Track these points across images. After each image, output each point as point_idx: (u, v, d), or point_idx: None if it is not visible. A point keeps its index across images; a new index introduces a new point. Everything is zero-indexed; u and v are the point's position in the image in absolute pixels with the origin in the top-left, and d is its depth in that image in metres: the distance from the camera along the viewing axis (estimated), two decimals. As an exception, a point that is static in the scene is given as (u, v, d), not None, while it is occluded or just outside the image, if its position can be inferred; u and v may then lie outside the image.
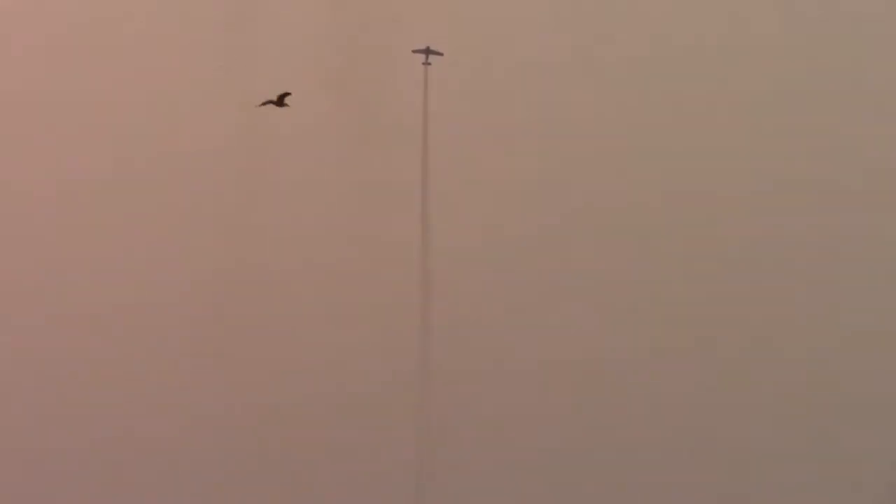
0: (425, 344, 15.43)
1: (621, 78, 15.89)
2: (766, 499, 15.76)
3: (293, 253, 15.63)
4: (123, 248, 15.62)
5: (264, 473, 15.42)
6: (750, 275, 16.00)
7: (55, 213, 15.61)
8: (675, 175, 16.01)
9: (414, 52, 15.03)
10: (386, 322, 15.62)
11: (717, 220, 16.09)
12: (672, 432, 15.86)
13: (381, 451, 15.60)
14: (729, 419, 15.96)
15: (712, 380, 15.92)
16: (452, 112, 15.60)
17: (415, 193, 15.44)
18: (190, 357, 15.51)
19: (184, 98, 15.62)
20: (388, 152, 15.69)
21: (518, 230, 15.71)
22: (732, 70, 16.00)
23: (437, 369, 15.53)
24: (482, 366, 15.72)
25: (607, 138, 15.90)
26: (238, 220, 15.68)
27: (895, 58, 15.92)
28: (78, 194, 15.68)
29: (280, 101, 14.31)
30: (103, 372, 15.55)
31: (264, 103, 14.29)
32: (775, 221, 16.01)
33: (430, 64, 14.94)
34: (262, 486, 15.47)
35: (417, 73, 15.27)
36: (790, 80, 16.00)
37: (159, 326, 15.54)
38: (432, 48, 15.11)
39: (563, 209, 15.71)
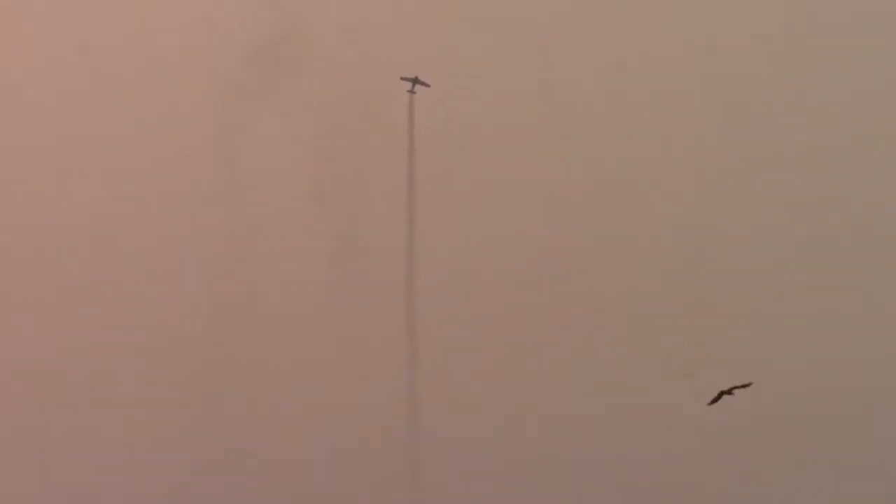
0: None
1: (612, 121, 15.95)
2: (765, 498, 15.78)
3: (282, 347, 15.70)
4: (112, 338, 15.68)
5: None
6: (751, 277, 16.02)
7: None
8: (671, 203, 16.02)
9: (402, 79, 15.22)
10: (373, 417, 15.75)
11: (717, 234, 16.07)
12: (671, 433, 15.86)
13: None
14: (729, 419, 15.95)
15: (712, 380, 15.90)
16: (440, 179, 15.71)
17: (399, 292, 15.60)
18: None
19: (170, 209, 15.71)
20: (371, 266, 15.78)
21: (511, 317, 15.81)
22: (726, 84, 16.02)
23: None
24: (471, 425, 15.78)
25: (602, 186, 15.93)
26: (225, 321, 15.70)
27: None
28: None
29: (728, 392, 14.31)
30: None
31: (720, 394, 14.32)
32: (777, 223, 16.03)
33: (415, 93, 15.11)
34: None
35: (400, 178, 15.47)
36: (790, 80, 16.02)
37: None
38: (420, 80, 15.31)
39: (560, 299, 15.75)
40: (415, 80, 15.19)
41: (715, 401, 13.82)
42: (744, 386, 14.02)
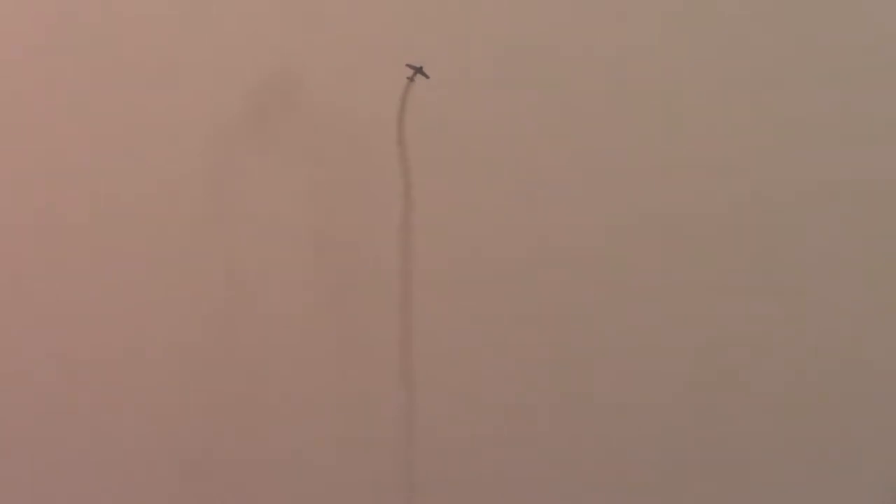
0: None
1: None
2: (764, 498, 15.74)
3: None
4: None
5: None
6: (748, 276, 15.93)
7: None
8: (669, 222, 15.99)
9: (407, 65, 15.10)
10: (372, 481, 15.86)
11: (722, 229, 15.99)
12: (667, 433, 15.80)
13: None
14: (727, 418, 15.93)
15: (709, 381, 15.87)
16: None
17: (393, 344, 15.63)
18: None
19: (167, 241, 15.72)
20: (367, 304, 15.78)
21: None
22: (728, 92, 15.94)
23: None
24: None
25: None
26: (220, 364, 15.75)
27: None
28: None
29: None
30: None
31: None
32: (777, 221, 15.94)
33: (413, 80, 14.97)
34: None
35: (394, 219, 15.47)
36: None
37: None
38: (424, 74, 15.24)
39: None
40: (418, 70, 15.09)
41: None
42: None
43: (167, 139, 15.60)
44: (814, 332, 15.79)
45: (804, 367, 15.78)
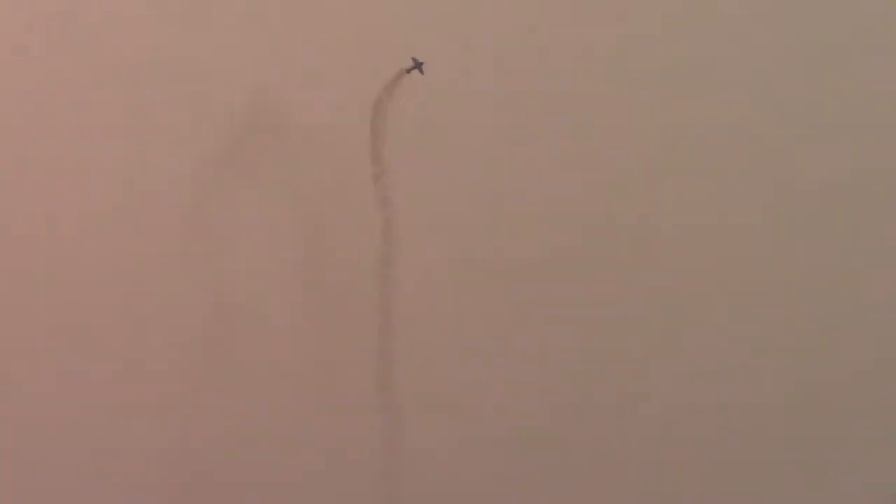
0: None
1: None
2: (764, 498, 15.70)
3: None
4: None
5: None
6: (747, 275, 15.89)
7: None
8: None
9: (412, 58, 15.03)
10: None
11: (710, 233, 15.96)
12: (666, 434, 15.77)
13: None
14: (727, 419, 15.89)
15: (709, 381, 15.82)
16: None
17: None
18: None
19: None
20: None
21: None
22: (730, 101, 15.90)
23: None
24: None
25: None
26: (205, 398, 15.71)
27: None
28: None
29: None
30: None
31: None
32: (777, 223, 15.90)
33: (409, 73, 14.92)
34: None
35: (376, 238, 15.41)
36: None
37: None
38: (422, 71, 15.14)
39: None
40: (418, 65, 15.02)
41: None
42: None
43: (157, 153, 15.59)
44: (814, 332, 15.76)
45: (804, 368, 15.76)
